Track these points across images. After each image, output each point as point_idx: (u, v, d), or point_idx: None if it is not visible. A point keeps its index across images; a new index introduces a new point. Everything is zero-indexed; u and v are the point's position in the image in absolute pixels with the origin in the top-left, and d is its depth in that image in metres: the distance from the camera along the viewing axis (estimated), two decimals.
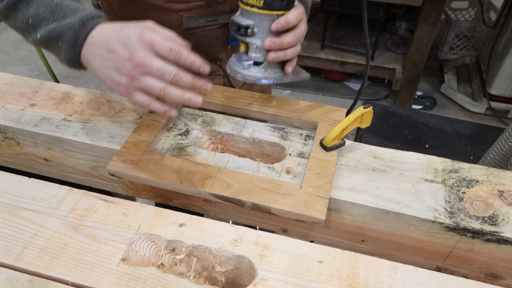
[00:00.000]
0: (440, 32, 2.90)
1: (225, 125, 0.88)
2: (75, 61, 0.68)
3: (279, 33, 0.75)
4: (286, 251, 0.63)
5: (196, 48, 1.02)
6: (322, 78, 3.04)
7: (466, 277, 0.75)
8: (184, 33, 0.99)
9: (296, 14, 0.75)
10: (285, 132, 0.86)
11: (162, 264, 0.66)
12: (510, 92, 2.58)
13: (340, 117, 0.88)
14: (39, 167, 0.95)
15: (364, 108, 0.77)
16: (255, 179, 0.74)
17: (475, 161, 1.79)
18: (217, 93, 0.94)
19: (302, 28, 0.77)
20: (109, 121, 0.88)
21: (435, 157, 0.80)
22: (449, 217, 0.69)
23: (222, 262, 0.65)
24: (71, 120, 0.88)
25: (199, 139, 0.87)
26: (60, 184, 0.74)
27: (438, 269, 0.77)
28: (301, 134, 0.86)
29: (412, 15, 2.90)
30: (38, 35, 0.67)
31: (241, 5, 0.74)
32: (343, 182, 0.75)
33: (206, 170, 0.76)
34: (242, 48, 0.78)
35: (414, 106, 2.79)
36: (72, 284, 0.60)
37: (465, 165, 0.78)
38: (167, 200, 0.86)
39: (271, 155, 0.87)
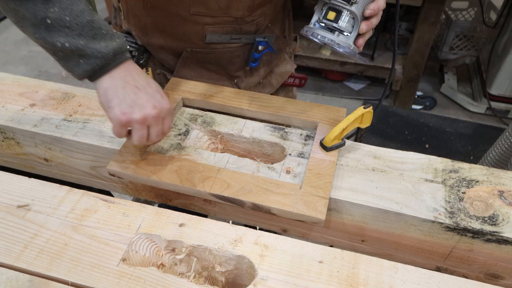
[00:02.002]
0: (440, 32, 2.90)
1: (225, 125, 0.88)
2: (88, 79, 0.69)
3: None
4: (286, 251, 0.63)
5: (215, 63, 1.02)
6: (322, 78, 3.04)
7: (466, 277, 0.75)
8: (206, 46, 0.97)
9: None
10: (285, 132, 0.86)
11: (162, 264, 0.66)
12: (510, 92, 2.58)
13: (340, 117, 0.88)
14: (39, 167, 0.95)
15: (364, 108, 0.77)
16: (255, 179, 0.74)
17: (475, 161, 1.79)
18: (217, 93, 0.94)
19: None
20: (109, 121, 0.87)
21: (435, 157, 0.80)
22: (449, 217, 0.69)
23: (222, 262, 0.65)
24: (71, 120, 0.88)
25: (199, 139, 0.87)
26: (60, 184, 0.74)
27: (438, 269, 0.77)
28: (301, 134, 0.86)
29: (412, 15, 2.90)
30: (58, 44, 0.65)
31: None
32: (343, 182, 0.75)
33: (206, 170, 0.76)
34: (331, 16, 0.77)
35: (414, 106, 2.79)
36: (72, 284, 0.60)
37: (465, 165, 0.78)
38: (167, 200, 0.86)
39: (271, 155, 0.87)
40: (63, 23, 0.64)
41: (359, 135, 2.05)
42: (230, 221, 0.68)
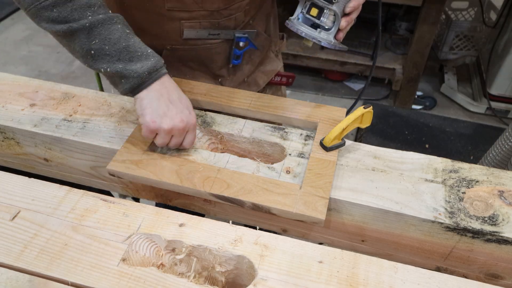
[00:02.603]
0: (440, 32, 2.90)
1: (225, 125, 0.88)
2: (130, 94, 0.77)
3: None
4: (286, 251, 0.63)
5: (197, 61, 1.02)
6: (322, 78, 3.04)
7: (466, 277, 0.75)
8: (185, 43, 0.97)
9: None
10: (285, 132, 0.86)
11: (162, 264, 0.66)
12: (510, 92, 2.58)
13: (340, 117, 0.88)
14: (39, 167, 0.95)
15: (364, 108, 0.77)
16: (255, 179, 0.74)
17: (475, 161, 1.79)
18: (217, 93, 0.94)
19: None
20: (109, 121, 0.88)
21: (435, 157, 0.80)
22: (449, 217, 0.69)
23: (222, 262, 0.65)
24: (71, 120, 0.88)
25: (199, 139, 0.87)
26: (60, 184, 0.74)
27: (438, 269, 0.77)
28: (301, 134, 0.86)
29: (412, 15, 2.90)
30: (102, 70, 0.74)
31: None
32: (343, 182, 0.75)
33: (206, 170, 0.76)
34: (314, 12, 0.82)
35: (414, 106, 2.79)
36: (72, 284, 0.60)
37: (465, 165, 0.78)
38: (167, 200, 0.86)
39: (271, 155, 0.87)
40: (104, 52, 0.73)
41: (359, 135, 2.05)
42: (230, 221, 0.68)
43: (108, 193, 1.03)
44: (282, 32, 1.18)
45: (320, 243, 0.75)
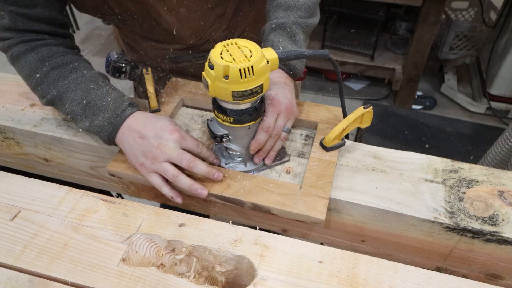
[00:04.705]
0: (440, 32, 2.90)
1: None
2: (110, 145, 0.78)
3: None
4: (286, 251, 0.63)
5: (190, 75, 1.03)
6: (322, 78, 3.04)
7: (466, 277, 0.75)
8: (172, 64, 1.00)
9: (271, 118, 0.74)
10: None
11: (162, 264, 0.66)
12: (510, 92, 2.58)
13: (340, 117, 0.88)
14: (39, 167, 0.95)
15: (364, 108, 0.77)
16: (255, 179, 0.74)
17: (475, 161, 1.79)
18: None
19: (280, 124, 0.76)
20: None
21: (435, 157, 0.80)
22: (449, 217, 0.69)
23: (222, 262, 0.65)
24: (71, 121, 0.88)
25: (200, 139, 0.86)
26: (60, 184, 0.74)
27: (438, 269, 0.77)
28: (301, 134, 0.86)
29: (412, 15, 2.90)
30: (80, 129, 0.79)
31: (214, 115, 0.73)
32: (343, 182, 0.75)
33: None
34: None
35: (414, 106, 2.79)
36: (72, 284, 0.60)
37: (465, 165, 0.78)
38: (167, 200, 0.86)
39: None
40: (75, 113, 0.77)
41: (359, 135, 2.05)
42: (230, 221, 0.68)
43: (108, 193, 1.03)
44: None
45: (322, 244, 0.75)
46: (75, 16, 3.50)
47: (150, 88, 0.86)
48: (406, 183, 0.75)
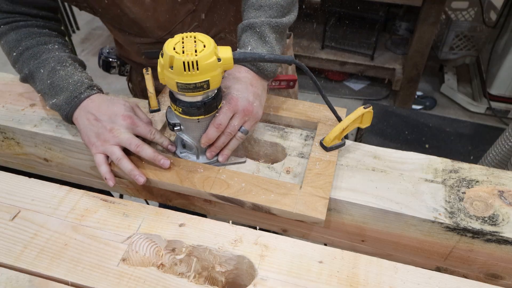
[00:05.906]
0: (440, 32, 2.90)
1: None
2: (69, 123, 0.83)
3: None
4: (286, 251, 0.63)
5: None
6: (322, 78, 3.04)
7: (466, 277, 0.75)
8: (147, 58, 1.01)
9: (224, 116, 0.73)
10: (285, 132, 0.86)
11: (162, 264, 0.66)
12: (510, 92, 2.58)
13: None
14: (39, 167, 0.95)
15: (364, 108, 0.77)
16: (255, 179, 0.74)
17: (475, 161, 1.79)
18: None
19: (234, 124, 0.75)
20: None
21: (435, 157, 0.80)
22: (449, 217, 0.69)
23: (222, 262, 0.65)
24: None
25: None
26: (60, 184, 0.74)
27: (438, 269, 0.77)
28: (301, 134, 0.86)
29: (412, 15, 2.90)
30: (48, 106, 0.82)
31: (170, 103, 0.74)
32: (343, 182, 0.75)
33: (206, 170, 0.76)
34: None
35: (414, 106, 2.79)
36: (72, 284, 0.60)
37: (465, 165, 0.78)
38: (167, 200, 0.86)
39: (271, 155, 0.87)
40: (43, 92, 0.82)
41: (359, 135, 2.05)
42: (230, 221, 0.68)
43: (108, 193, 1.03)
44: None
45: (325, 244, 0.75)
46: (75, 16, 3.50)
47: (150, 88, 0.86)
48: (406, 183, 0.75)
